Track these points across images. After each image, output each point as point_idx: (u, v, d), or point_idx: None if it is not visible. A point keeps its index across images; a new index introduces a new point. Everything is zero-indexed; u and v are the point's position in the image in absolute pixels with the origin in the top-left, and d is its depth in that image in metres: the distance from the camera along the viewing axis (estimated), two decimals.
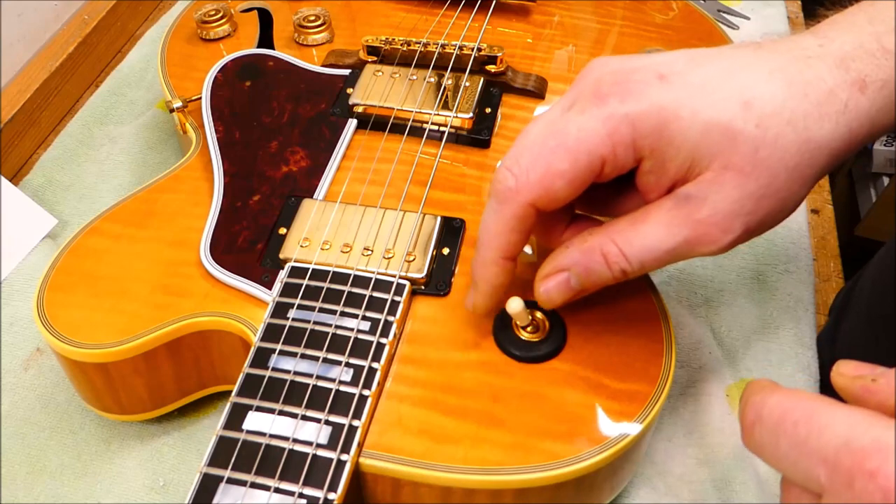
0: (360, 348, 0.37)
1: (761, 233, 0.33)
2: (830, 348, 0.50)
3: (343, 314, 0.38)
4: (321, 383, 0.36)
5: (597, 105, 0.32)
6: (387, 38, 0.53)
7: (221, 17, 0.57)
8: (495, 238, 0.34)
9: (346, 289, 0.39)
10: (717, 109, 0.31)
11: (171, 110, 0.51)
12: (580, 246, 0.35)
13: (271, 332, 0.38)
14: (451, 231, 0.43)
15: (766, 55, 0.32)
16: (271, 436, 0.34)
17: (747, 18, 0.72)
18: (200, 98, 0.51)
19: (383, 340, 0.37)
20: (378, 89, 0.50)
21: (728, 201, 0.31)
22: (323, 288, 0.40)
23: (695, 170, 0.32)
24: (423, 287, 0.41)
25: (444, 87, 0.50)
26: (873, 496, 0.21)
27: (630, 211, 0.34)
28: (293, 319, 0.38)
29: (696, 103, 0.31)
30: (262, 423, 0.34)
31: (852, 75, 0.31)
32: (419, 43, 0.53)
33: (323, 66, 0.54)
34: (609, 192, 0.36)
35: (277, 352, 0.37)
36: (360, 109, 0.50)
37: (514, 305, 0.37)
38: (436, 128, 0.49)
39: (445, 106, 0.49)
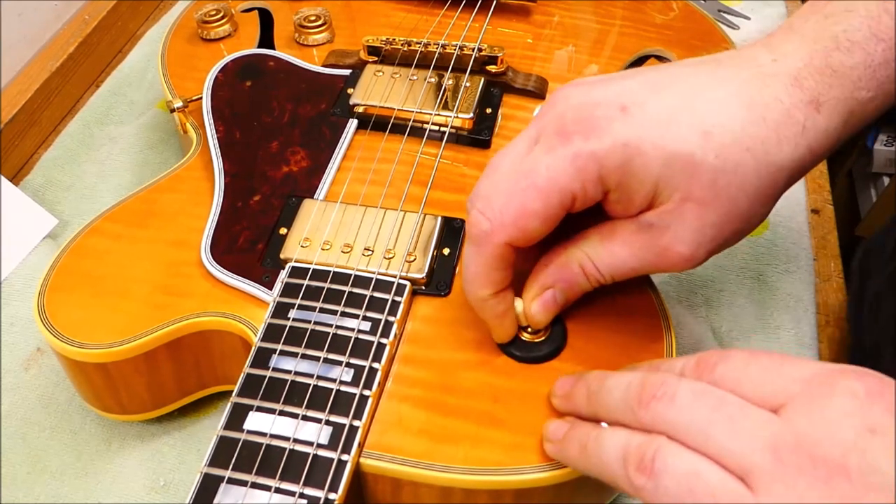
0: (360, 348, 0.37)
1: (726, 248, 0.34)
2: (857, 311, 0.49)
3: (344, 314, 0.38)
4: (322, 383, 0.36)
5: (562, 143, 0.32)
6: (387, 39, 0.53)
7: (222, 17, 0.57)
8: (480, 278, 0.35)
9: (347, 289, 0.39)
10: (678, 142, 0.31)
11: (172, 110, 0.51)
12: (557, 261, 0.36)
13: (272, 333, 0.38)
14: (452, 231, 0.43)
15: (724, 74, 0.33)
16: (272, 436, 0.34)
17: (747, 18, 0.72)
18: (201, 98, 0.51)
19: (384, 341, 0.37)
20: (379, 89, 0.50)
21: (689, 230, 0.32)
22: (323, 288, 0.40)
23: (657, 199, 0.33)
24: (423, 287, 0.41)
25: (445, 88, 0.50)
26: (845, 405, 0.25)
27: (597, 218, 0.35)
28: (294, 320, 0.38)
29: (657, 136, 0.31)
30: (263, 423, 0.34)
31: (807, 94, 0.32)
32: (420, 43, 0.53)
33: (323, 66, 0.54)
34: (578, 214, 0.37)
35: (278, 352, 0.37)
36: (360, 109, 0.50)
37: (520, 306, 0.37)
38: (436, 128, 0.49)
39: (446, 106, 0.49)
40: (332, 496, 0.32)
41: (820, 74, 0.32)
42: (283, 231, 0.43)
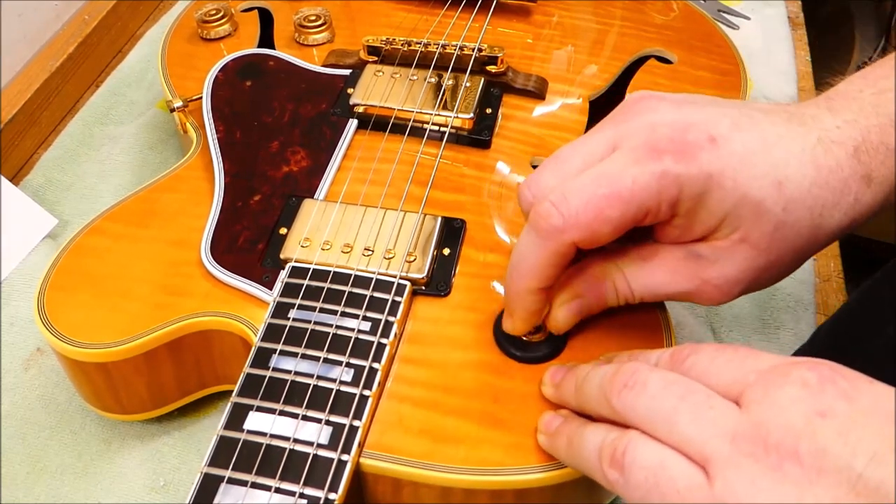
0: (360, 348, 0.37)
1: (750, 292, 0.35)
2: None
3: (344, 314, 0.38)
4: (322, 383, 0.36)
5: (653, 160, 0.32)
6: (387, 39, 0.53)
7: (222, 17, 0.57)
8: (534, 270, 0.35)
9: (347, 289, 0.39)
10: (755, 186, 0.32)
11: (172, 110, 0.51)
12: (593, 273, 0.37)
13: (272, 333, 0.38)
14: (452, 231, 0.43)
15: (795, 129, 0.33)
16: (272, 436, 0.34)
17: (747, 18, 0.72)
18: (201, 98, 0.51)
19: (384, 341, 0.37)
20: (379, 89, 0.50)
21: (735, 270, 0.34)
22: (323, 288, 0.40)
23: (717, 233, 0.33)
24: (423, 287, 0.41)
25: (445, 88, 0.50)
26: (795, 393, 0.26)
27: (638, 238, 0.36)
28: (294, 319, 0.38)
29: (738, 175, 0.32)
30: (263, 423, 0.34)
31: (863, 168, 0.32)
32: (420, 43, 0.53)
33: (323, 66, 0.54)
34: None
35: (278, 352, 0.37)
36: (360, 109, 0.50)
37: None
38: (436, 128, 0.49)
39: (446, 106, 0.49)
40: (332, 496, 0.32)
41: (875, 150, 0.33)
42: (283, 231, 0.43)
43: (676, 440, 0.27)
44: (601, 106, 0.52)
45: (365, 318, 0.38)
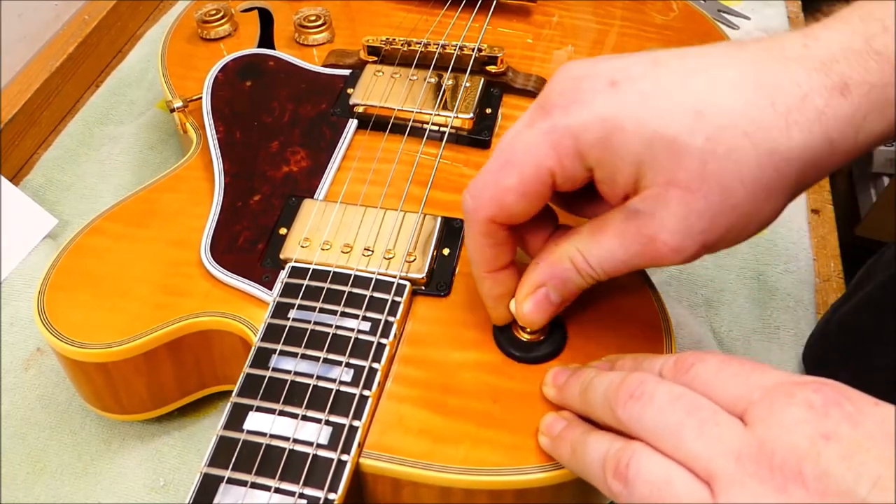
0: (360, 349, 0.37)
1: (727, 247, 0.32)
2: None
3: (343, 314, 0.38)
4: (322, 383, 0.36)
5: (542, 117, 0.31)
6: (387, 39, 0.53)
7: (222, 17, 0.57)
8: (474, 255, 0.35)
9: (347, 289, 0.39)
10: (664, 121, 0.29)
11: (172, 110, 0.51)
12: (548, 259, 0.35)
13: (272, 333, 0.38)
14: (452, 231, 0.43)
15: (741, 55, 0.30)
16: (272, 436, 0.34)
17: (747, 18, 0.72)
18: (201, 98, 0.51)
19: (384, 341, 0.37)
20: (378, 89, 0.50)
21: (675, 218, 0.30)
22: (323, 288, 0.40)
23: (642, 181, 0.31)
24: (423, 287, 0.41)
25: (445, 88, 0.50)
26: (800, 414, 0.26)
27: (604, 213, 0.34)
28: (294, 320, 0.38)
29: (642, 113, 0.29)
30: (263, 423, 0.34)
31: (833, 79, 0.29)
32: (420, 43, 0.53)
33: (323, 66, 0.54)
34: (586, 196, 0.36)
35: (278, 352, 0.37)
36: (360, 110, 0.50)
37: (514, 306, 0.37)
38: (436, 128, 0.49)
39: (446, 106, 0.49)
40: (331, 496, 0.32)
41: (858, 57, 0.29)
42: (283, 231, 0.43)
43: (682, 455, 0.27)
44: None
45: (365, 319, 0.38)
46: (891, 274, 0.45)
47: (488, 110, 0.50)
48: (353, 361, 0.36)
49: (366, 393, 0.35)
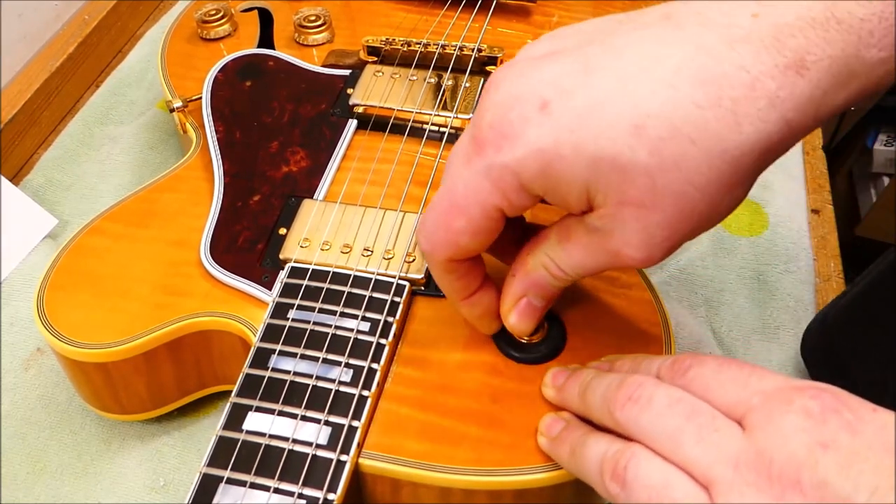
0: (359, 349, 0.37)
1: (694, 237, 0.30)
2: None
3: (343, 315, 0.38)
4: (321, 384, 0.36)
5: (477, 155, 0.30)
6: (387, 39, 0.53)
7: (222, 17, 0.57)
8: (444, 289, 0.36)
9: (346, 289, 0.39)
10: (602, 141, 0.27)
11: (172, 110, 0.51)
12: (523, 269, 0.35)
13: (271, 333, 0.38)
14: None
15: (680, 39, 0.27)
16: (271, 436, 0.34)
17: None
18: (201, 98, 0.51)
19: (383, 341, 0.37)
20: (378, 90, 0.50)
21: (634, 234, 0.29)
22: (323, 288, 0.40)
23: (594, 201, 0.29)
24: (422, 288, 0.41)
25: (445, 88, 0.50)
26: (798, 422, 0.25)
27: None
28: (293, 320, 0.38)
29: (578, 137, 0.28)
30: (262, 423, 0.34)
31: (787, 56, 0.26)
32: (419, 43, 0.53)
33: (323, 66, 0.54)
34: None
35: (277, 352, 0.37)
36: (360, 110, 0.50)
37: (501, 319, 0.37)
38: (436, 128, 0.49)
39: (445, 107, 0.49)
40: (330, 496, 0.32)
41: (816, 28, 0.26)
42: (282, 231, 0.43)
43: (680, 460, 0.27)
44: None
45: (364, 319, 0.38)
46: (886, 265, 0.45)
47: None
48: (352, 361, 0.36)
49: (365, 393, 0.35)
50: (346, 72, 0.53)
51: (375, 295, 0.39)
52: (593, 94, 0.28)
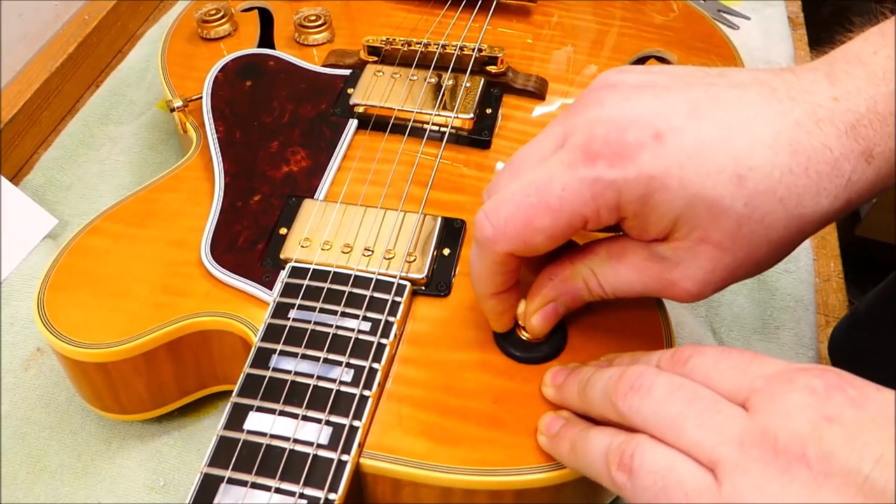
0: (360, 349, 0.37)
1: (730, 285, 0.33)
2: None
3: (344, 315, 0.38)
4: (322, 384, 0.36)
5: (585, 164, 0.30)
6: (387, 39, 0.53)
7: (222, 17, 0.57)
8: (483, 279, 0.35)
9: (347, 289, 0.39)
10: (707, 184, 0.29)
11: (172, 110, 0.51)
12: (562, 275, 0.35)
13: (272, 333, 0.38)
14: (452, 232, 0.43)
15: (775, 107, 0.30)
16: (272, 436, 0.34)
17: (747, 18, 0.72)
18: (201, 97, 0.51)
19: (384, 341, 0.37)
20: (379, 90, 0.50)
21: (700, 271, 0.31)
22: (323, 288, 0.40)
23: (675, 233, 0.31)
24: (423, 288, 0.41)
25: (445, 88, 0.50)
26: (803, 399, 0.26)
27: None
28: (294, 320, 0.38)
29: (686, 174, 0.29)
30: (263, 423, 0.34)
31: (861, 145, 0.29)
32: (420, 43, 0.53)
33: (323, 66, 0.54)
34: None
35: (278, 352, 0.37)
36: (360, 110, 0.50)
37: (521, 313, 0.37)
38: (436, 128, 0.49)
39: (446, 107, 0.49)
40: (331, 496, 0.32)
41: (881, 123, 0.29)
42: (283, 231, 0.43)
43: (684, 444, 0.27)
44: None
45: (365, 319, 0.38)
46: None
47: (488, 110, 0.50)
48: (353, 361, 0.36)
49: (366, 393, 0.35)
50: (347, 72, 0.53)
51: (376, 295, 0.39)
52: (701, 138, 0.30)
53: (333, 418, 0.34)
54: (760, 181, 0.29)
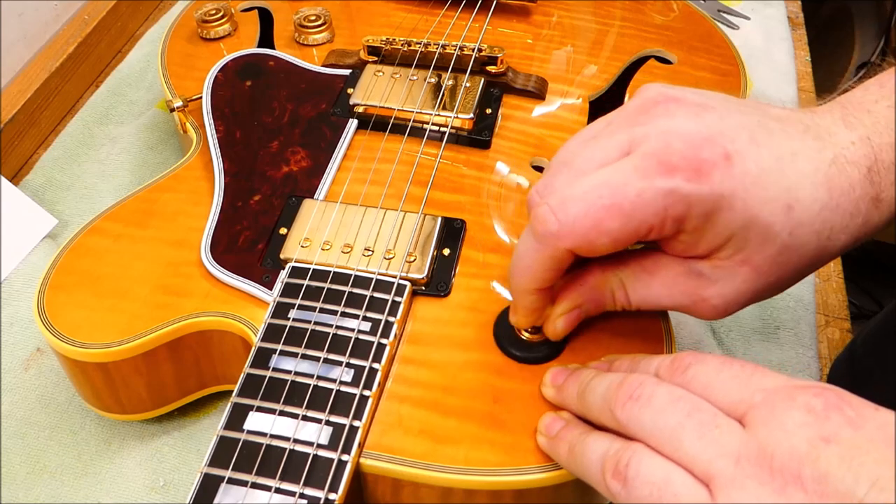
0: (360, 349, 0.37)
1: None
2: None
3: (344, 315, 0.38)
4: (322, 384, 0.36)
5: (662, 175, 0.31)
6: (387, 39, 0.53)
7: (222, 17, 0.57)
8: (530, 272, 0.34)
9: (347, 289, 0.39)
10: (766, 210, 0.31)
11: (172, 110, 0.51)
12: (591, 283, 0.36)
13: (272, 333, 0.38)
14: (452, 232, 0.43)
15: (811, 144, 0.32)
16: (272, 436, 0.34)
17: (747, 18, 0.72)
18: (201, 97, 0.51)
19: (384, 341, 0.37)
20: (379, 90, 0.50)
21: (735, 291, 0.33)
22: (324, 288, 0.40)
23: (719, 252, 0.33)
24: (423, 288, 0.41)
25: (445, 88, 0.50)
26: (801, 418, 0.26)
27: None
28: (294, 320, 0.38)
29: (748, 197, 0.31)
30: (263, 423, 0.34)
31: (874, 189, 0.32)
32: (420, 43, 0.53)
33: (323, 66, 0.54)
34: None
35: (278, 352, 0.37)
36: (360, 110, 0.50)
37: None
38: (436, 128, 0.49)
39: (446, 107, 0.49)
40: (332, 496, 0.32)
41: (887, 171, 0.32)
42: (283, 231, 0.43)
43: (681, 457, 0.27)
44: (601, 106, 0.52)
45: (365, 319, 0.38)
46: None
47: (488, 110, 0.50)
48: (353, 361, 0.36)
49: (366, 393, 0.35)
50: (347, 72, 0.53)
51: (376, 295, 0.39)
52: (761, 165, 0.31)
53: (333, 418, 0.34)
54: (804, 213, 0.31)
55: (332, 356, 0.37)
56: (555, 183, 0.33)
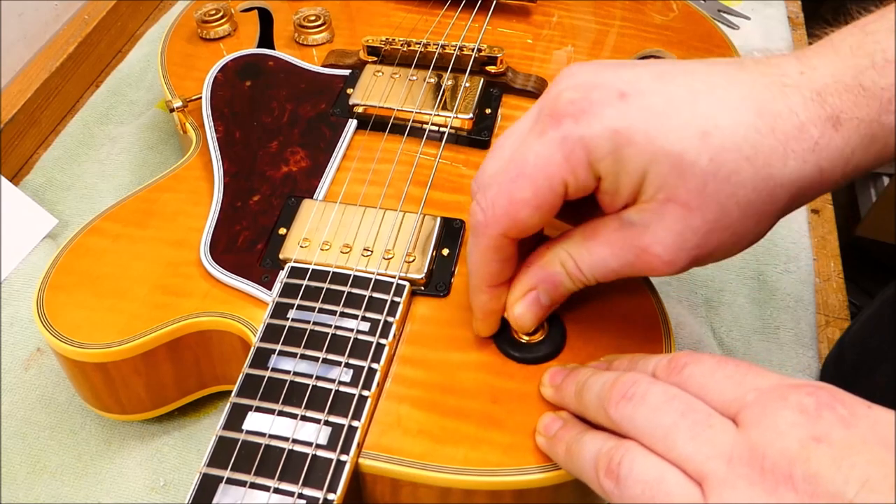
0: (359, 349, 0.37)
1: (714, 261, 0.33)
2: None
3: (343, 315, 0.38)
4: (321, 384, 0.36)
5: (553, 126, 0.31)
6: (387, 39, 0.53)
7: (222, 17, 0.57)
8: (479, 269, 0.35)
9: (346, 289, 0.39)
10: (672, 138, 0.30)
11: (172, 110, 0.51)
12: (539, 262, 0.35)
13: (271, 333, 0.38)
14: (451, 232, 0.43)
15: (742, 77, 0.31)
16: (271, 436, 0.34)
17: (747, 18, 0.72)
18: (201, 98, 0.51)
19: (383, 341, 0.37)
20: (378, 90, 0.50)
21: (670, 233, 0.31)
22: (323, 288, 0.40)
23: (642, 195, 0.31)
24: (422, 288, 0.41)
25: (444, 88, 0.50)
26: (792, 417, 0.26)
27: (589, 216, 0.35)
28: (293, 320, 0.38)
29: (651, 128, 0.30)
30: (262, 423, 0.34)
31: (827, 111, 0.30)
32: (419, 43, 0.53)
33: (323, 66, 0.54)
34: (583, 205, 0.36)
35: (277, 352, 0.37)
36: (360, 110, 0.50)
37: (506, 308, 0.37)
38: (436, 128, 0.49)
39: (445, 107, 0.49)
40: (330, 496, 0.32)
41: (847, 92, 0.30)
42: (282, 231, 0.43)
43: (674, 456, 0.27)
44: None
45: (364, 319, 0.38)
46: (891, 293, 0.45)
47: (488, 110, 0.50)
48: (352, 362, 0.36)
49: (365, 393, 0.35)
50: (346, 72, 0.53)
51: (375, 295, 0.39)
52: (667, 98, 0.30)
53: (332, 418, 0.34)
54: (725, 138, 0.29)
55: (331, 356, 0.37)
56: (482, 172, 0.34)
